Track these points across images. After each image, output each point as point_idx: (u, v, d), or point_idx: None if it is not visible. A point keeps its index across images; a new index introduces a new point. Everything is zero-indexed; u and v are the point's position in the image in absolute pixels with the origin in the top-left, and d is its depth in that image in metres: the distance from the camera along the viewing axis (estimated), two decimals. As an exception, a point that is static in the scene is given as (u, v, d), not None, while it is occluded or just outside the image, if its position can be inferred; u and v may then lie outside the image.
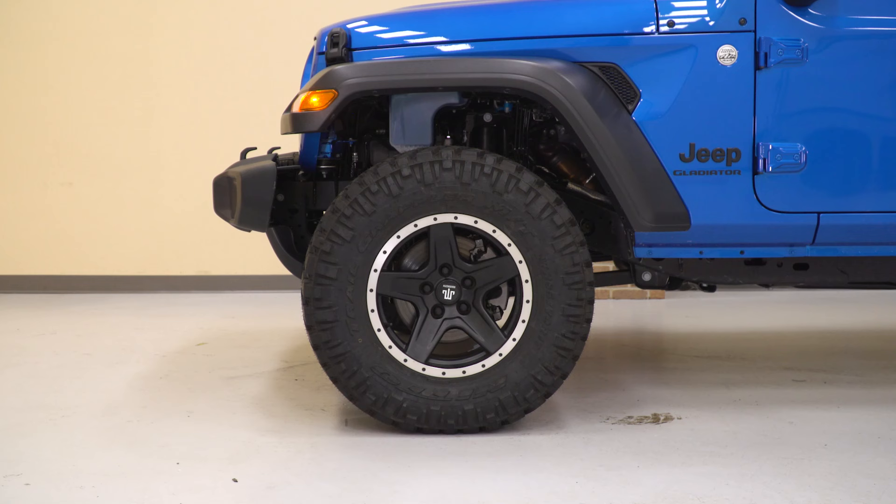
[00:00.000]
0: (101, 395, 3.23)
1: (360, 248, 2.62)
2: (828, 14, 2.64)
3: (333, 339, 2.64)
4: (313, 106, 2.66)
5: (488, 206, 2.61)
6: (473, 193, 2.60)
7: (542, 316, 2.65)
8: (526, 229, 2.62)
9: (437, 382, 2.67)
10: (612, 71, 2.66)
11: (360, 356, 2.65)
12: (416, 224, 2.63)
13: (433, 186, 2.60)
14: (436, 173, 2.59)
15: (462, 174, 2.59)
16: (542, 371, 2.66)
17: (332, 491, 2.27)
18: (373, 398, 2.66)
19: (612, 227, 2.95)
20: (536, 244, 2.62)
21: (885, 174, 2.68)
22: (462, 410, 2.66)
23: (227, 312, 5.09)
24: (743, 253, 2.76)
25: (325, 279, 2.63)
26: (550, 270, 2.63)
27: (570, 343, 2.66)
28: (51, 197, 5.92)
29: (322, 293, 2.63)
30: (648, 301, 5.52)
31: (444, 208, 2.62)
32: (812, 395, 3.13)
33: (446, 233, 2.65)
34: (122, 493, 2.26)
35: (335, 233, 2.62)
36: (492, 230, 2.63)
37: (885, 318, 4.72)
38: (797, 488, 2.25)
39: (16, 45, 5.86)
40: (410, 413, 2.66)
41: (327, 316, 2.64)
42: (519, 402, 2.67)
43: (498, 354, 2.67)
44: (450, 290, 2.67)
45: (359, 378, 2.65)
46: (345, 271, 2.63)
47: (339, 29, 2.77)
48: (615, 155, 2.60)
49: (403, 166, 2.60)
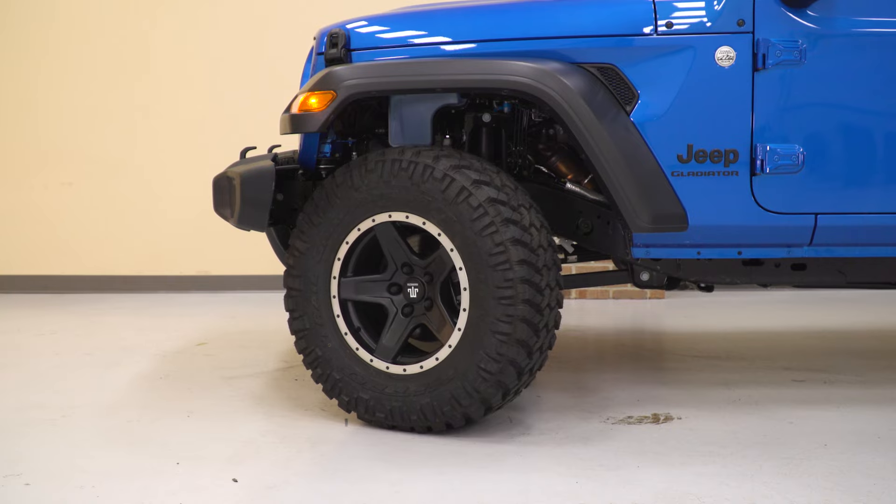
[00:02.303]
0: (101, 395, 3.24)
1: (316, 258, 2.76)
2: (826, 15, 2.64)
3: (309, 346, 2.81)
4: (312, 107, 2.67)
5: (412, 199, 2.64)
6: (397, 189, 2.65)
7: (479, 302, 2.58)
8: (447, 216, 2.60)
9: (398, 379, 2.71)
10: (610, 72, 2.66)
11: (332, 359, 2.78)
12: (359, 228, 2.72)
13: (361, 189, 2.68)
14: (362, 175, 2.67)
15: (383, 173, 2.65)
16: (484, 358, 2.58)
17: (332, 491, 2.27)
18: (346, 398, 2.78)
19: (611, 227, 2.95)
20: (459, 230, 2.59)
21: (883, 175, 2.68)
22: (420, 405, 2.68)
23: (227, 312, 5.09)
24: (741, 253, 2.76)
25: (293, 290, 2.80)
26: (476, 254, 2.57)
27: (508, 327, 2.54)
28: (51, 197, 5.92)
29: (293, 304, 2.81)
30: (648, 301, 5.52)
31: (377, 209, 2.69)
32: (812, 395, 3.13)
33: (390, 232, 2.70)
34: (122, 493, 2.26)
35: (294, 246, 2.79)
36: (422, 222, 2.66)
37: (885, 318, 4.72)
38: (797, 488, 2.25)
39: (16, 44, 5.87)
40: (378, 410, 2.74)
41: (300, 325, 2.81)
42: (470, 394, 2.60)
43: (448, 346, 2.66)
44: (414, 288, 2.72)
45: (332, 380, 2.79)
46: (307, 281, 2.78)
47: (338, 29, 2.77)
48: (613, 156, 2.60)
49: (339, 175, 2.71)
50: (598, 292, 5.60)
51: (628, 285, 5.20)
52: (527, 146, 3.02)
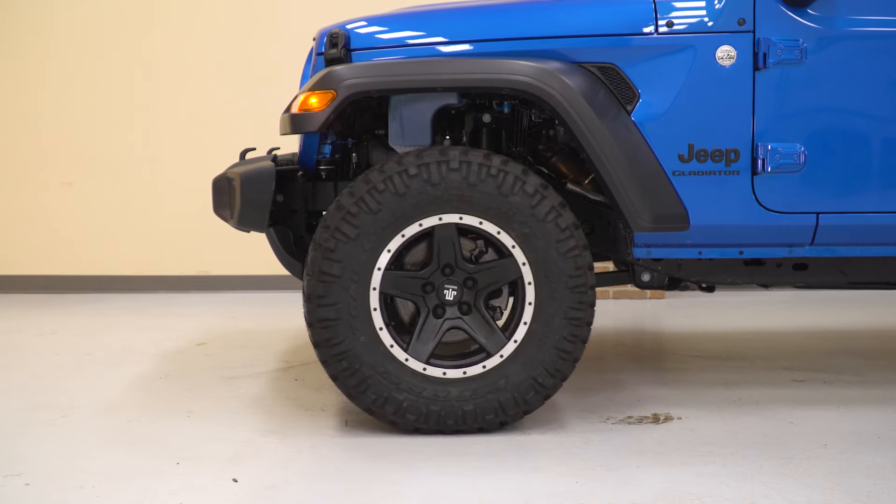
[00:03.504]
0: (101, 395, 3.23)
1: (364, 247, 2.61)
2: (826, 14, 2.64)
3: (335, 337, 2.63)
4: (312, 106, 2.66)
5: (494, 207, 2.61)
6: (479, 194, 2.61)
7: (544, 318, 2.66)
8: (531, 231, 2.62)
9: (437, 382, 2.67)
10: (610, 71, 2.66)
11: (362, 354, 2.64)
12: (422, 223, 2.63)
13: (440, 186, 2.60)
14: (442, 173, 2.59)
15: (468, 175, 2.60)
16: (542, 373, 2.67)
17: (332, 491, 2.27)
18: (373, 397, 2.65)
19: (612, 227, 2.95)
20: (541, 246, 2.63)
21: (885, 174, 2.68)
22: (462, 411, 2.66)
23: (227, 312, 5.09)
24: (742, 253, 2.76)
25: (328, 276, 2.61)
26: (554, 273, 2.64)
27: (571, 346, 2.68)
28: (51, 197, 5.92)
29: (325, 290, 2.61)
30: (648, 301, 5.52)
31: (449, 208, 2.62)
32: (812, 395, 3.13)
33: (450, 233, 2.65)
34: (122, 493, 2.26)
35: (340, 230, 2.60)
36: (496, 231, 2.64)
37: (885, 318, 4.72)
38: (797, 488, 2.25)
39: (16, 44, 5.87)
40: (410, 413, 2.65)
41: (329, 314, 2.62)
42: (518, 404, 2.68)
43: (499, 356, 2.67)
44: (451, 291, 2.67)
45: (359, 377, 2.64)
46: (348, 269, 2.61)
47: (338, 29, 2.77)
48: (614, 155, 2.60)
49: (410, 165, 2.60)
50: (598, 293, 5.57)
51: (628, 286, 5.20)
52: (527, 147, 3.01)
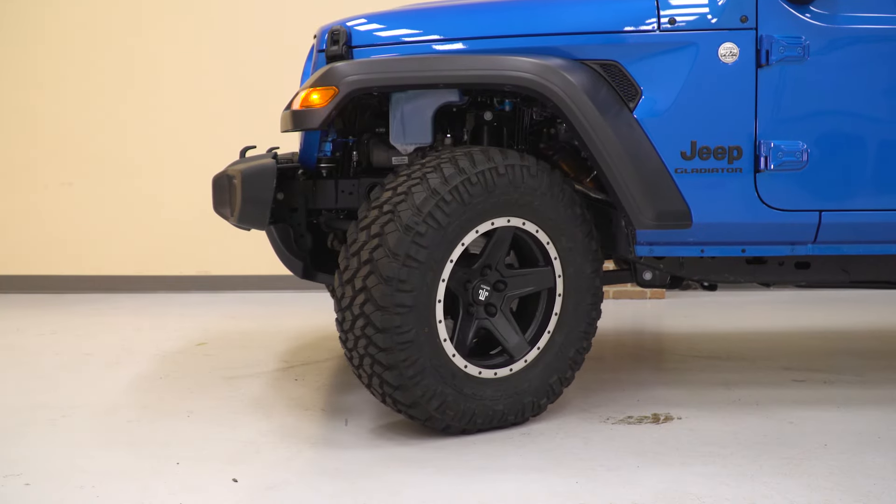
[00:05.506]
0: (101, 395, 3.23)
1: (447, 237, 2.54)
2: (829, 11, 2.63)
3: (405, 325, 2.49)
4: (314, 103, 2.66)
5: (552, 218, 2.69)
6: (545, 205, 2.67)
7: (565, 329, 2.77)
8: (574, 247, 2.72)
9: (474, 381, 2.66)
10: (613, 68, 2.66)
11: (423, 346, 2.53)
12: (493, 223, 2.63)
13: (519, 190, 2.62)
14: (524, 178, 2.62)
15: (541, 184, 2.65)
16: (556, 380, 2.79)
17: (332, 491, 2.26)
18: (423, 390, 2.55)
19: (613, 225, 2.95)
20: (578, 262, 2.74)
21: (888, 172, 2.68)
22: (493, 411, 2.68)
23: (227, 312, 5.08)
24: (744, 251, 2.75)
25: (413, 261, 2.49)
26: (582, 289, 2.77)
27: (579, 357, 2.82)
28: (50, 197, 5.91)
29: (408, 275, 2.48)
30: (648, 301, 5.52)
31: (519, 212, 2.65)
32: (812, 395, 3.13)
33: (508, 235, 2.68)
34: (122, 493, 2.25)
35: (433, 216, 2.51)
36: (546, 241, 2.70)
37: (886, 318, 4.71)
38: (797, 488, 2.24)
39: (15, 43, 5.86)
40: (450, 409, 2.60)
41: (406, 300, 2.49)
42: (534, 407, 2.77)
43: (523, 360, 2.72)
44: (484, 291, 2.69)
45: (418, 367, 2.53)
46: (432, 257, 2.52)
47: (339, 27, 2.77)
48: (616, 153, 2.60)
49: (500, 164, 2.60)
50: (598, 293, 5.59)
51: (628, 285, 5.20)
52: (528, 145, 3.01)
